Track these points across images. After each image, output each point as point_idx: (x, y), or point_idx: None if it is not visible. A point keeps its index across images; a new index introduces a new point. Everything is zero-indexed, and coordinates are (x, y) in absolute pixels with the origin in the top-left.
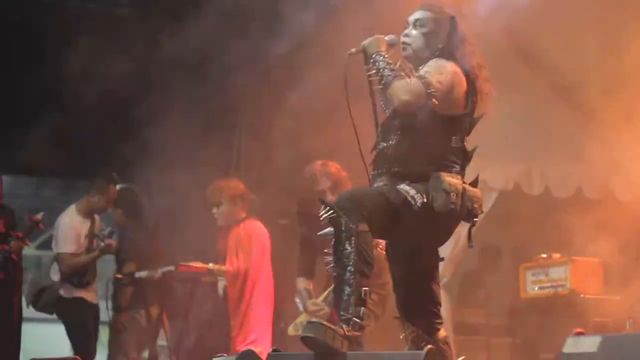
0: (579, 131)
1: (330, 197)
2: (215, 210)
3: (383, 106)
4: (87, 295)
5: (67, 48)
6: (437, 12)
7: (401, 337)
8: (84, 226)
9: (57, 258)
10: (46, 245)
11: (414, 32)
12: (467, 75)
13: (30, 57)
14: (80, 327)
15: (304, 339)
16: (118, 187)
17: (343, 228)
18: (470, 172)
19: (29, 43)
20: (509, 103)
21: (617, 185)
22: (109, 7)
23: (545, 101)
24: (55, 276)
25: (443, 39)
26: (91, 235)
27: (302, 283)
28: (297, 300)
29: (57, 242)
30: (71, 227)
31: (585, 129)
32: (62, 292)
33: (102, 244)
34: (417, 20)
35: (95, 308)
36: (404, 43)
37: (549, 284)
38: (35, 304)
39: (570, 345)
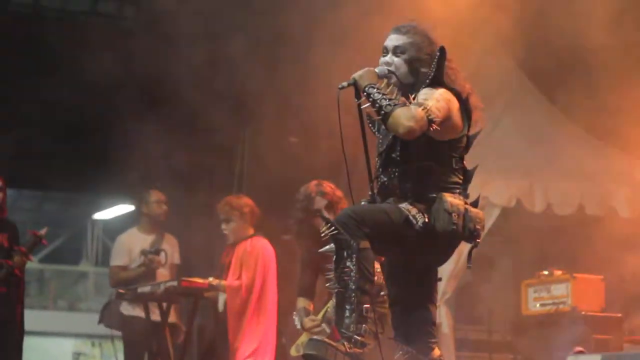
0: (581, 148)
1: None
2: (224, 226)
3: (379, 138)
4: (141, 312)
5: (73, 60)
6: (415, 35)
7: (395, 357)
8: (141, 242)
9: (109, 271)
10: (48, 259)
11: (395, 59)
12: (459, 96)
13: (36, 71)
14: (128, 345)
15: (305, 357)
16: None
17: (344, 245)
18: (473, 189)
19: (32, 55)
20: (511, 120)
21: (618, 202)
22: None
23: (548, 118)
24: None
25: (425, 63)
26: (143, 252)
27: (301, 302)
28: (295, 317)
29: (110, 256)
30: (123, 242)
31: (587, 146)
32: (121, 308)
33: (146, 259)
34: (396, 47)
35: (152, 325)
36: (388, 71)
37: (550, 301)
38: (102, 319)
39: None
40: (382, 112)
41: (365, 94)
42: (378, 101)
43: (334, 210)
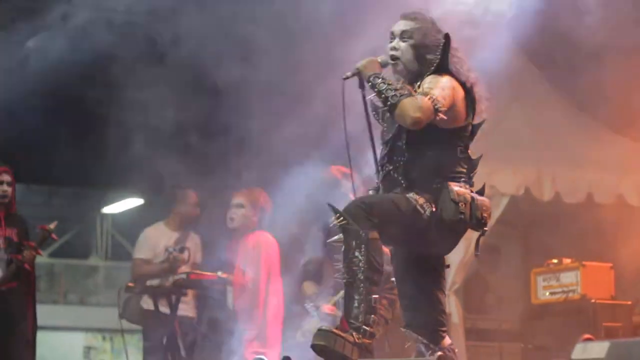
0: (589, 137)
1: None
2: (234, 210)
3: (383, 126)
4: (165, 307)
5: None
6: (422, 21)
7: (406, 346)
8: (166, 238)
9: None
10: (58, 253)
11: (401, 44)
12: (463, 85)
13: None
14: (147, 339)
15: (314, 347)
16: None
17: (353, 235)
18: (481, 177)
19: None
20: (520, 109)
21: (627, 190)
22: None
23: (556, 107)
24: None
25: (431, 50)
26: (167, 249)
27: (310, 288)
28: (308, 305)
29: (134, 248)
30: (148, 236)
31: (595, 134)
32: (141, 302)
33: (171, 257)
34: (403, 32)
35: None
36: (393, 57)
37: (560, 289)
38: (124, 314)
39: (579, 351)
40: (389, 102)
41: (370, 84)
42: (384, 92)
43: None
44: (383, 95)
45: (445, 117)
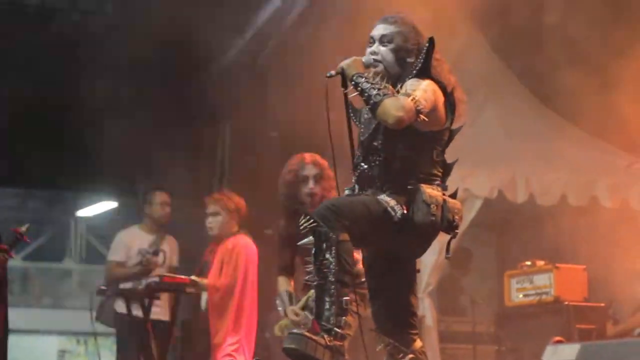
0: (562, 138)
1: (312, 186)
2: (210, 219)
3: (360, 127)
4: (138, 310)
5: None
6: (401, 25)
7: (377, 349)
8: (140, 240)
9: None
10: (32, 256)
11: (382, 48)
12: (444, 88)
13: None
14: (121, 342)
15: (285, 350)
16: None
17: (323, 237)
18: (454, 180)
19: (15, 52)
20: (493, 111)
21: (601, 191)
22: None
23: (530, 108)
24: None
25: (412, 53)
26: (141, 251)
27: (283, 284)
28: (278, 302)
29: (108, 251)
30: (122, 238)
31: (569, 136)
32: (115, 305)
33: (144, 259)
34: (383, 36)
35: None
36: (374, 60)
37: (533, 292)
38: (100, 316)
39: (550, 354)
40: (371, 101)
41: (353, 83)
42: (367, 90)
43: (322, 184)
44: (366, 94)
45: (426, 119)
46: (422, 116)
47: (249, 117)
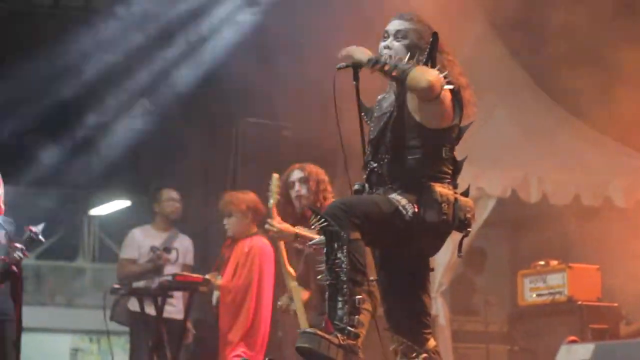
0: (576, 138)
1: (298, 189)
2: (226, 220)
3: (370, 126)
4: (151, 309)
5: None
6: (417, 23)
7: (391, 349)
8: (152, 238)
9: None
10: (45, 255)
11: (395, 43)
12: (452, 86)
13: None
14: (134, 340)
15: (298, 349)
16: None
17: (334, 236)
18: (467, 179)
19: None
20: (505, 111)
21: (614, 191)
22: None
23: (543, 108)
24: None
25: (423, 51)
26: (152, 248)
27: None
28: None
29: (120, 249)
30: (134, 236)
31: (582, 135)
32: (128, 304)
33: (154, 256)
34: (398, 31)
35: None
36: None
37: (546, 291)
38: (114, 315)
39: (564, 353)
40: (400, 70)
41: (373, 61)
42: (393, 63)
43: (308, 186)
44: (392, 65)
45: (452, 87)
46: (446, 88)
47: (261, 116)
